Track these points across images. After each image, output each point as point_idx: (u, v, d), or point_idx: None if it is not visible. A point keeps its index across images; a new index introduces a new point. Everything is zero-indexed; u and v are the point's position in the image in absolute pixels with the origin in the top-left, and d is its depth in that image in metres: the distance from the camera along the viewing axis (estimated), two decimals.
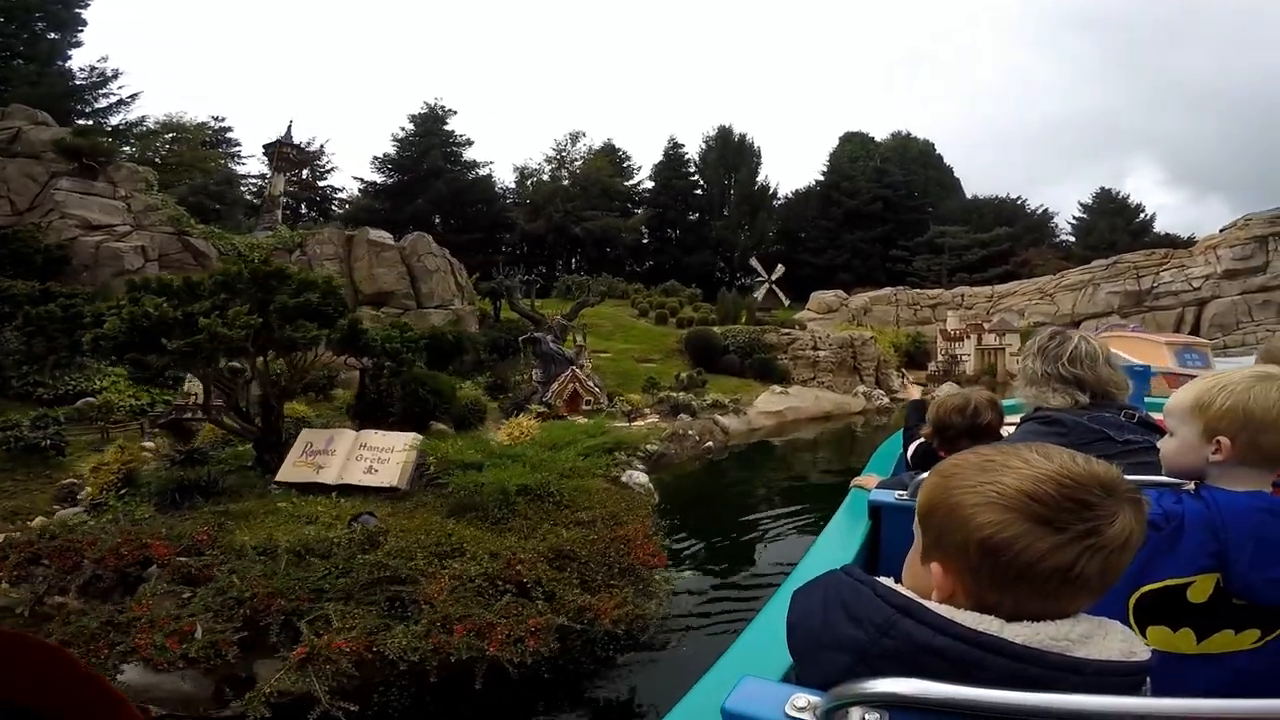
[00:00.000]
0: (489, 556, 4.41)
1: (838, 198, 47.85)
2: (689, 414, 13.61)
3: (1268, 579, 1.16)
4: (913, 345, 30.82)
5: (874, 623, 0.76)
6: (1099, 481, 0.76)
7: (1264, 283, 29.48)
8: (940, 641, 0.72)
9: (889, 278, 41.30)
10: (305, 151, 38.90)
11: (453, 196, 38.97)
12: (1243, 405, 1.22)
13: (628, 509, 5.95)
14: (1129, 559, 0.76)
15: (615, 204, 44.65)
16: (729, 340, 19.30)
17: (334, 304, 6.65)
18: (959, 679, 0.68)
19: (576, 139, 44.11)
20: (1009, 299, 33.79)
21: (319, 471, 6.61)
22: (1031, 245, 44.80)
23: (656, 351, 20.07)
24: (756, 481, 10.61)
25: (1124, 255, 33.50)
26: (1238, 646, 1.23)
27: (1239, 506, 1.20)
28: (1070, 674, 0.71)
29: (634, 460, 10.44)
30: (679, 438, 12.04)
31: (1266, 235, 29.93)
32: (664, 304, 25.30)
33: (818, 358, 19.69)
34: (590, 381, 14.04)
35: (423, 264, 17.55)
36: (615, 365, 18.33)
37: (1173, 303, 30.84)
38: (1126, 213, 51.90)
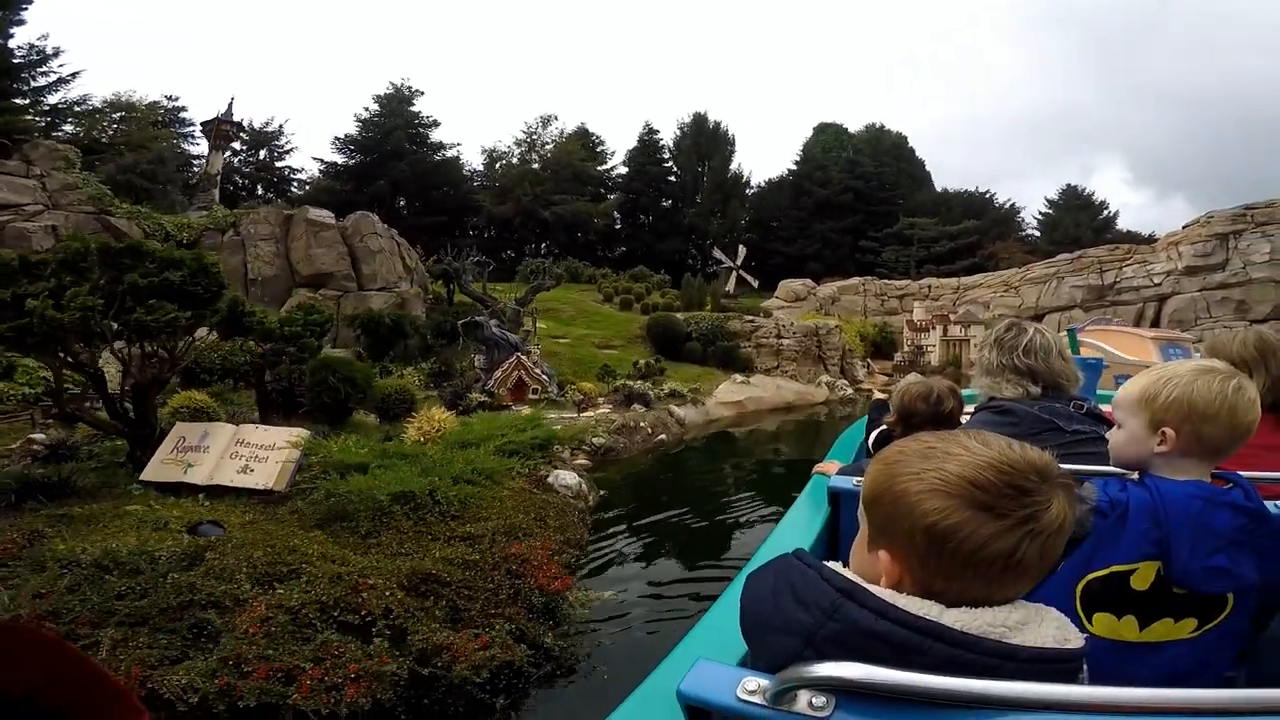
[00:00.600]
0: (330, 580, 3.53)
1: (809, 188, 47.15)
2: (643, 404, 12.76)
3: (1205, 567, 1.17)
4: (879, 335, 30.33)
5: (820, 606, 0.76)
6: (1035, 468, 0.77)
7: (1223, 280, 29.36)
8: (882, 626, 0.73)
9: (858, 268, 40.77)
10: (260, 131, 37.37)
11: (417, 179, 37.50)
12: (1187, 397, 1.23)
13: (539, 519, 5.10)
14: (1063, 543, 0.77)
15: (587, 189, 43.45)
16: (692, 327, 18.48)
17: (206, 283, 5.66)
18: (900, 663, 0.68)
19: (548, 122, 42.83)
20: (975, 291, 33.42)
21: (188, 470, 5.65)
22: (999, 239, 44.63)
23: (619, 338, 19.18)
24: (709, 477, 9.79)
25: (1088, 250, 33.25)
26: (1176, 635, 1.24)
27: (1180, 495, 1.21)
28: (1005, 660, 0.71)
29: (576, 455, 9.60)
30: (629, 430, 11.19)
31: (1227, 233, 29.79)
32: (630, 289, 24.36)
33: (781, 346, 18.96)
34: (538, 369, 13.12)
35: (365, 244, 16.42)
36: (573, 352, 17.41)
37: (1134, 298, 30.66)
38: (1091, 209, 52.22)
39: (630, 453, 10.63)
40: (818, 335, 20.36)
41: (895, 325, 32.00)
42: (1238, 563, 1.19)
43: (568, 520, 5.69)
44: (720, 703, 0.72)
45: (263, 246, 15.43)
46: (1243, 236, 29.78)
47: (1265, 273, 28.96)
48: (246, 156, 37.92)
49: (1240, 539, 1.20)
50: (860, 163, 49.84)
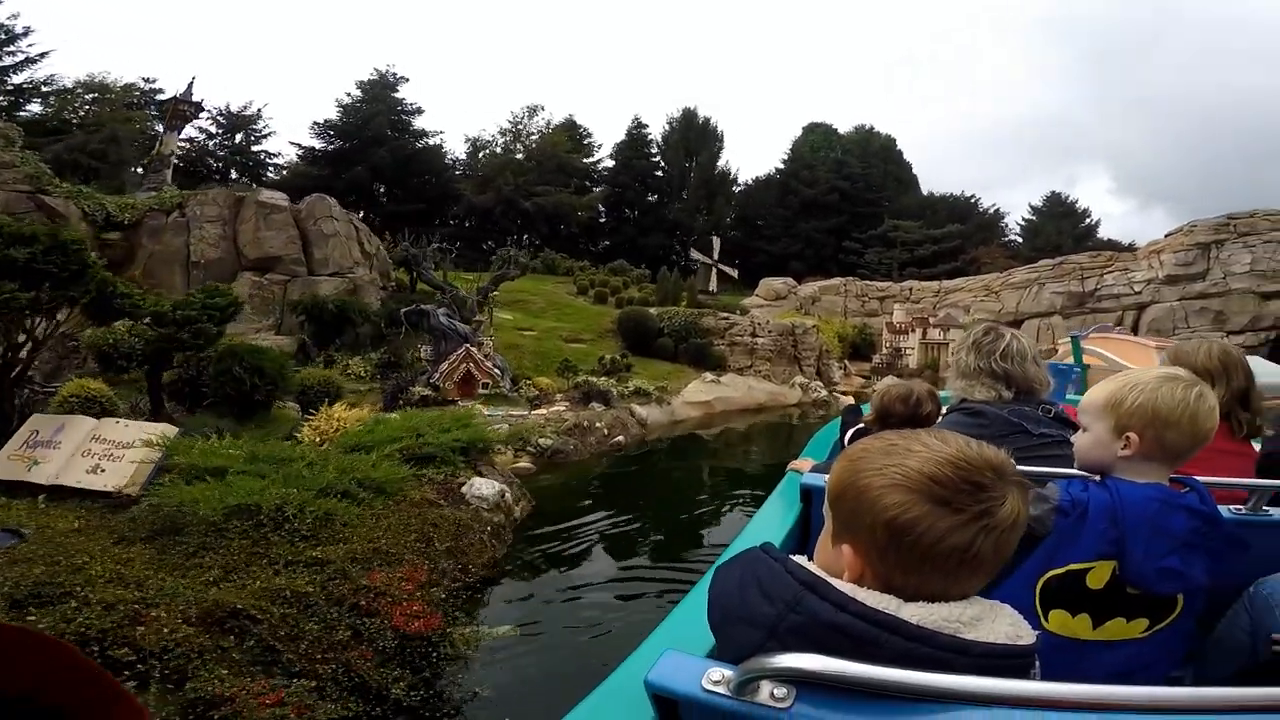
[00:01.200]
0: (104, 607, 2.76)
1: (796, 186, 46.47)
2: (603, 402, 11.99)
3: (1158, 568, 1.19)
4: (859, 337, 29.73)
5: (783, 599, 0.77)
6: (990, 465, 0.79)
7: (1203, 290, 28.93)
8: (842, 619, 0.74)
9: (840, 269, 40.15)
10: (236, 114, 36.15)
11: (397, 165, 36.36)
12: (1151, 404, 1.26)
13: (424, 540, 4.33)
14: (1016, 539, 0.79)
15: (572, 181, 42.51)
16: (664, 323, 17.71)
17: (63, 261, 4.84)
18: (858, 655, 0.70)
19: (535, 112, 41.81)
20: (955, 295, 32.86)
21: (31, 468, 4.84)
22: (982, 243, 44.22)
23: (588, 331, 18.39)
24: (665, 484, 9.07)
25: (1070, 256, 32.77)
26: (1128, 635, 1.26)
27: (1138, 497, 1.23)
28: (958, 655, 0.72)
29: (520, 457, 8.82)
30: (582, 430, 10.42)
31: (1209, 242, 29.36)
32: (607, 282, 23.52)
33: (756, 345, 18.23)
34: (489, 362, 12.31)
35: (319, 228, 15.52)
36: (538, 345, 16.61)
37: (1113, 305, 30.20)
38: (1073, 217, 52.07)
39: (582, 455, 9.86)
40: (794, 335, 19.66)
41: (875, 327, 31.39)
42: (1189, 565, 1.20)
43: (470, 540, 4.93)
44: (686, 693, 0.72)
45: (208, 229, 14.52)
46: (1224, 246, 29.36)
47: (1245, 284, 28.55)
48: (221, 140, 36.70)
49: (1193, 541, 1.21)
50: (848, 163, 49.25)
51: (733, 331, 18.30)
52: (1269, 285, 28.33)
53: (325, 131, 37.92)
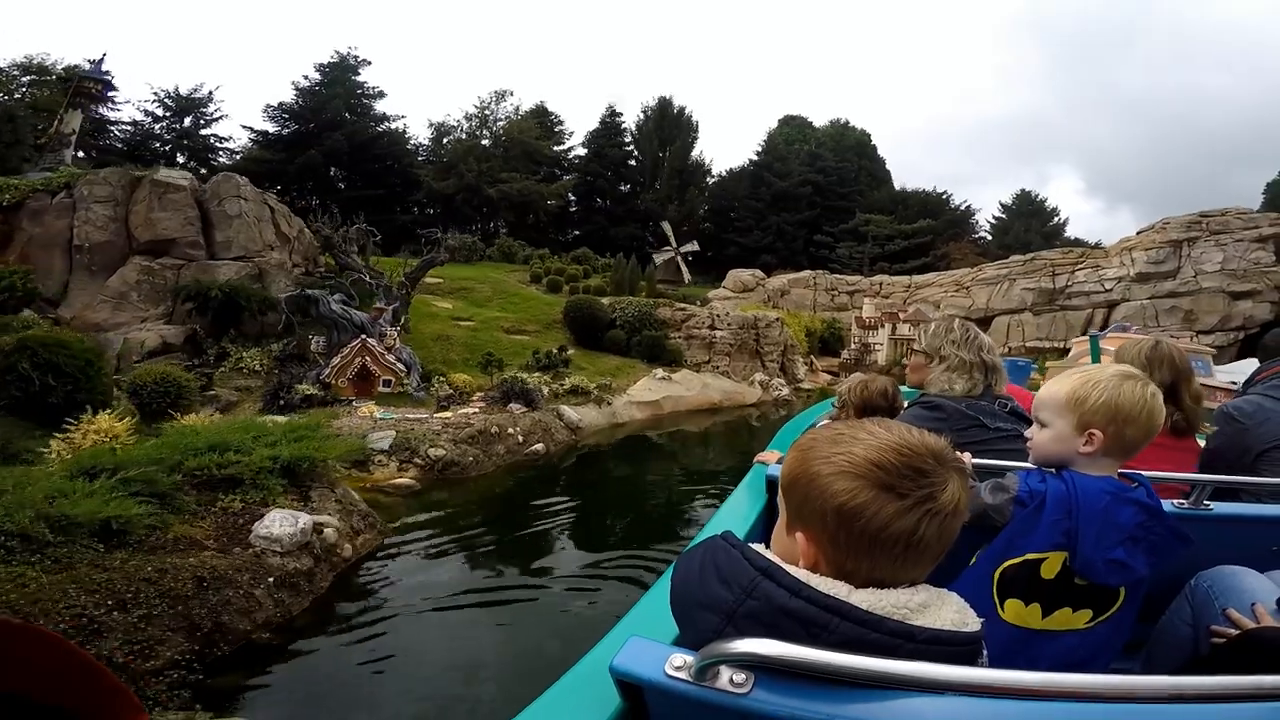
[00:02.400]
0: None
1: (769, 178, 44.88)
2: (525, 403, 10.27)
3: (1106, 560, 1.19)
4: (827, 331, 28.28)
5: (740, 585, 0.77)
6: (931, 451, 0.79)
7: (1173, 288, 27.86)
8: (794, 603, 0.74)
9: (812, 262, 38.76)
10: (185, 97, 33.67)
11: (354, 150, 34.07)
12: (1115, 401, 1.25)
13: (118, 607, 2.63)
14: (959, 524, 0.79)
15: (541, 168, 40.51)
16: (617, 314, 16.00)
17: None
18: (809, 639, 0.71)
19: (503, 97, 39.55)
20: (926, 290, 31.55)
21: None
22: (953, 239, 43.08)
23: (534, 322, 16.62)
24: (571, 508, 7.36)
25: (1042, 253, 31.61)
26: (1071, 625, 1.25)
27: (1093, 490, 1.22)
28: (904, 640, 0.73)
29: (404, 471, 7.11)
30: (489, 437, 8.69)
31: (1182, 240, 28.27)
32: (564, 271, 21.73)
33: (714, 338, 16.60)
34: (392, 355, 10.53)
35: (222, 209, 13.58)
36: (473, 337, 14.82)
37: (1084, 303, 29.07)
38: (1042, 215, 51.23)
39: (484, 468, 8.16)
40: (756, 328, 18.06)
41: (845, 322, 30.01)
42: (1133, 557, 1.20)
43: (228, 597, 3.25)
44: (649, 678, 0.72)
45: (97, 210, 12.56)
46: (1196, 244, 28.28)
47: (1215, 283, 27.49)
48: (169, 123, 34.16)
49: (1139, 534, 1.21)
50: (822, 156, 47.82)
51: (690, 324, 16.66)
52: (1239, 285, 27.28)
53: (279, 114, 35.52)
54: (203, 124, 34.69)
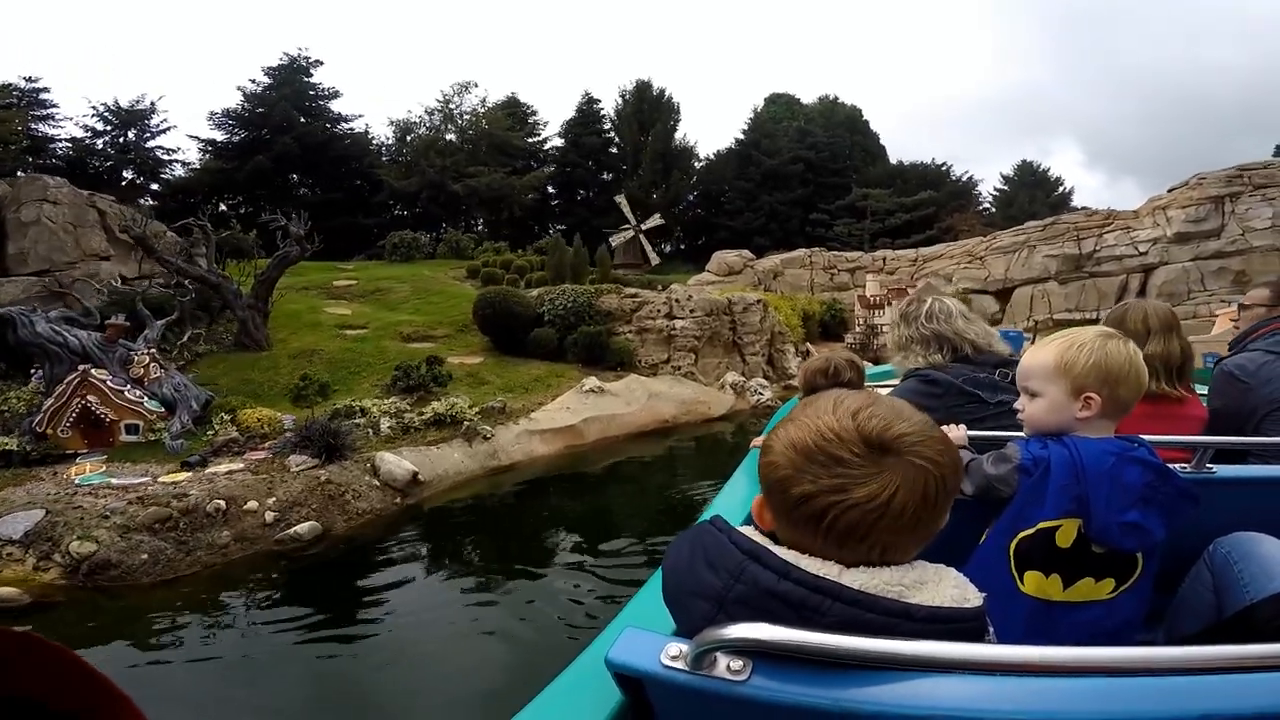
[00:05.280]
0: None
1: (757, 157, 40.26)
2: (325, 450, 6.09)
3: (1121, 523, 1.12)
4: (827, 314, 23.78)
5: (728, 569, 0.73)
6: (863, 441, 0.71)
7: (1219, 248, 23.02)
8: (783, 586, 0.70)
9: (808, 243, 34.15)
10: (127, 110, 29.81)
11: (308, 153, 30.04)
12: (1104, 362, 1.20)
13: None
14: (906, 522, 0.70)
15: (516, 161, 36.19)
16: (545, 307, 11.73)
17: None
18: (802, 622, 0.67)
19: (467, 88, 35.21)
20: (935, 262, 26.94)
21: None
22: (957, 211, 38.23)
23: (446, 325, 12.44)
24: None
25: (1062, 216, 26.94)
26: (1096, 596, 1.17)
27: (1096, 451, 1.16)
28: (901, 619, 0.68)
29: (41, 573, 2.83)
30: (199, 519, 4.58)
31: (1223, 195, 23.37)
32: (510, 263, 17.49)
33: (674, 330, 12.29)
34: (139, 391, 6.40)
35: (18, 216, 9.74)
36: (353, 349, 10.70)
37: (1116, 269, 24.29)
38: (1046, 185, 46.20)
39: (179, 567, 4.41)
40: (731, 314, 13.71)
41: (846, 302, 25.51)
42: (1148, 519, 1.13)
43: None
44: (646, 669, 0.68)
45: None
46: (1240, 200, 23.27)
47: (1268, 240, 22.47)
48: (113, 137, 30.34)
49: (1149, 495, 1.14)
50: (812, 132, 43.06)
51: (643, 314, 12.34)
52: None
53: (225, 122, 31.52)
54: (147, 137, 30.79)
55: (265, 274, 10.81)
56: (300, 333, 11.55)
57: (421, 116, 34.93)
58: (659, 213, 28.28)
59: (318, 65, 33.40)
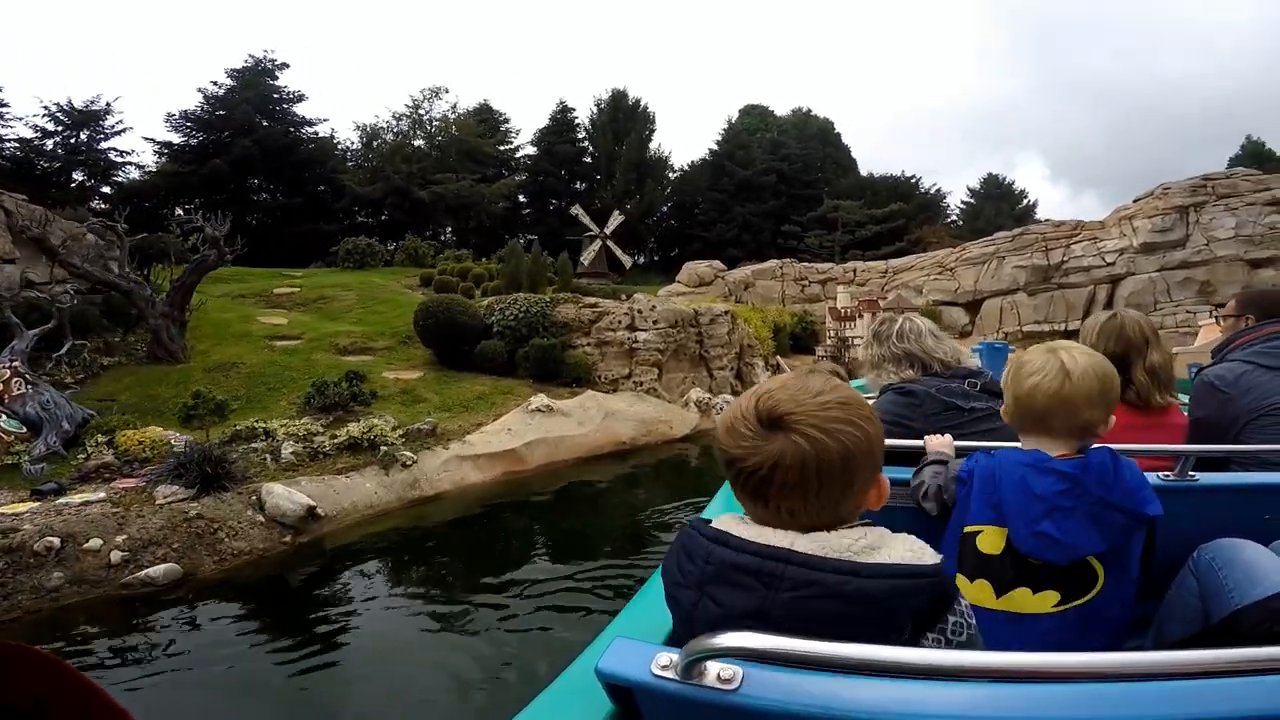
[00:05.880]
0: None
1: (730, 168, 39.76)
2: (211, 479, 5.05)
3: (1033, 533, 1.12)
4: (798, 326, 23.10)
5: (701, 556, 0.80)
6: (756, 417, 0.79)
7: (1184, 258, 22.86)
8: (742, 559, 0.76)
9: (780, 254, 33.57)
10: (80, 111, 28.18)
11: (269, 157, 28.69)
12: (1008, 377, 1.26)
13: None
14: (795, 488, 0.77)
15: (488, 169, 35.17)
16: (495, 318, 10.74)
17: None
18: (766, 589, 0.74)
19: (438, 94, 34.15)
20: (906, 274, 26.47)
21: None
22: (926, 223, 38.08)
23: (388, 336, 11.37)
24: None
25: (1031, 226, 26.70)
26: (1038, 608, 1.16)
27: (1011, 462, 1.19)
28: (850, 576, 0.73)
29: None
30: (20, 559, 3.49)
31: (1187, 205, 23.25)
32: (468, 271, 16.44)
33: (635, 342, 11.37)
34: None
35: None
36: (281, 363, 9.61)
37: (1083, 280, 24.04)
38: (1011, 198, 46.61)
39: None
40: (697, 325, 12.84)
41: (817, 314, 24.87)
42: (1067, 530, 1.11)
43: None
44: (636, 679, 0.67)
45: None
46: (1204, 210, 23.15)
47: (1231, 250, 22.37)
48: (64, 138, 28.68)
49: (1065, 504, 1.12)
50: (784, 143, 42.72)
51: (602, 325, 11.40)
52: (1258, 251, 22.21)
53: (183, 124, 30.02)
54: (101, 138, 29.15)
55: (181, 280, 9.67)
56: (225, 344, 10.41)
57: (389, 122, 33.76)
58: (625, 217, 27.20)
59: (283, 68, 32.13)
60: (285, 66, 32.13)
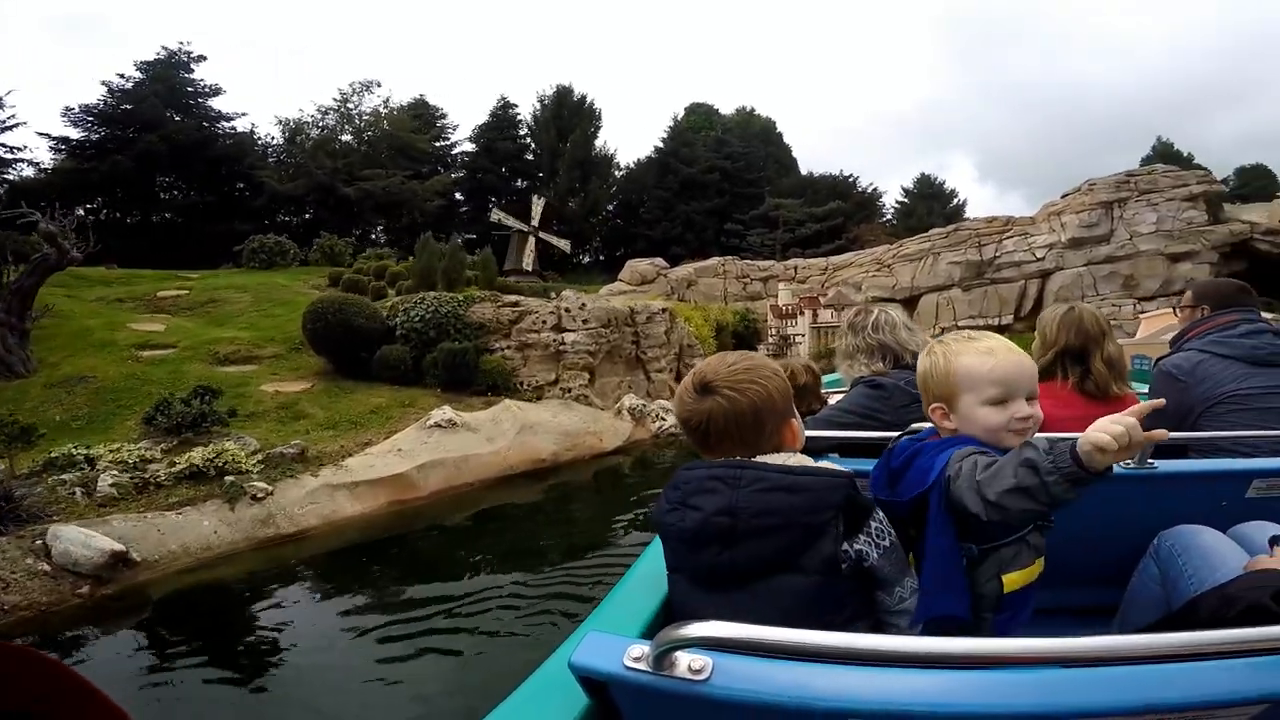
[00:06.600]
0: None
1: (675, 166, 39.01)
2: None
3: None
4: (741, 324, 22.42)
5: (683, 481, 1.01)
6: (693, 386, 1.02)
7: (1110, 253, 23.22)
8: (714, 471, 0.98)
9: (723, 252, 32.99)
10: None
11: (179, 153, 26.25)
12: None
13: None
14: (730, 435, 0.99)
15: (422, 166, 33.32)
16: (398, 319, 9.47)
17: None
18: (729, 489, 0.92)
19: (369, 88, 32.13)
20: (845, 271, 26.14)
21: None
22: (863, 221, 38.26)
23: (279, 342, 9.96)
24: None
25: (964, 222, 26.78)
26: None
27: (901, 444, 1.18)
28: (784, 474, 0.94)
29: None
30: None
31: (1112, 201, 23.67)
32: (385, 270, 14.99)
33: (563, 345, 10.27)
34: None
35: None
36: (142, 375, 8.14)
37: (1015, 274, 24.19)
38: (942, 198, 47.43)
39: None
40: (633, 324, 11.83)
41: (760, 312, 24.31)
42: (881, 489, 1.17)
43: None
44: (609, 671, 0.66)
45: None
46: (1127, 205, 23.60)
47: (1152, 245, 22.84)
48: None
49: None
50: (729, 142, 42.27)
51: (525, 326, 10.24)
52: (1176, 246, 22.74)
53: (84, 119, 27.20)
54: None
55: (18, 283, 8.10)
56: (81, 354, 8.83)
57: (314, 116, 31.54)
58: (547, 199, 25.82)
59: (200, 61, 29.54)
60: (203, 59, 29.62)
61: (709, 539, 0.92)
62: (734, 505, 0.91)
